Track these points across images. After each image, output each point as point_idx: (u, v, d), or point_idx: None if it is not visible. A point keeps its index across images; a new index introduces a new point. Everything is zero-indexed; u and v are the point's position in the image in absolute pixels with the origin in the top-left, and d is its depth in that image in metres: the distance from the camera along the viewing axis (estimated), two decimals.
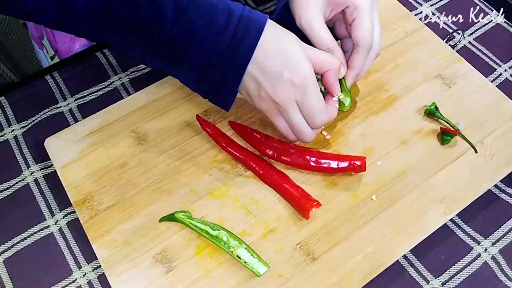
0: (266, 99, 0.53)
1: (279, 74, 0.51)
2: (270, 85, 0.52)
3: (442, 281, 0.55)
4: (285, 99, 0.52)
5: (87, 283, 0.55)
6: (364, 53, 0.57)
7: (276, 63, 0.51)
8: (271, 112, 0.55)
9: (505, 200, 0.60)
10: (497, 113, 0.64)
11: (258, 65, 0.51)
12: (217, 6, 0.50)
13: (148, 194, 0.58)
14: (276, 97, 0.52)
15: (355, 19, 0.56)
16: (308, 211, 0.55)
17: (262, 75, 0.51)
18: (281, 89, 0.51)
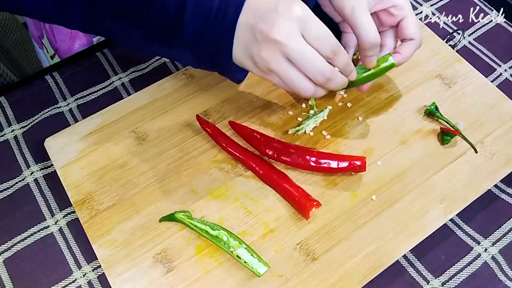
0: (263, 40, 0.48)
1: (273, 7, 0.48)
2: (265, 22, 0.48)
3: (442, 281, 0.55)
4: (284, 30, 0.48)
5: (87, 283, 0.55)
6: (416, 46, 0.58)
7: (269, 1, 0.48)
8: (276, 59, 0.49)
9: (505, 200, 0.60)
10: (497, 113, 0.64)
11: (251, 11, 0.48)
12: None
13: (148, 194, 0.58)
14: (273, 32, 0.47)
15: (404, 17, 0.57)
16: (308, 211, 0.55)
17: (256, 18, 0.48)
18: (277, 21, 0.48)
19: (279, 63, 0.49)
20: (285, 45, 0.48)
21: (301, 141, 0.62)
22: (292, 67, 0.50)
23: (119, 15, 0.51)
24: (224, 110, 0.64)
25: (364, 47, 0.54)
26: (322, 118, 0.63)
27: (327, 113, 0.63)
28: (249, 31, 0.49)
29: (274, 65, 0.49)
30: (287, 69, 0.50)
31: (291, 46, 0.48)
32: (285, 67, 0.50)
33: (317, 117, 0.62)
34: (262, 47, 0.49)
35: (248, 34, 0.49)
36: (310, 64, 0.49)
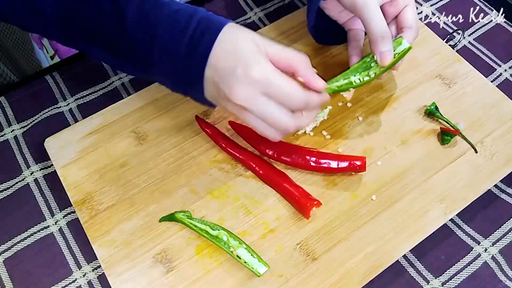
0: (226, 100, 0.49)
1: (232, 71, 0.48)
2: (225, 85, 0.48)
3: (442, 281, 0.55)
4: (246, 97, 0.48)
5: (87, 283, 0.55)
6: (416, 35, 0.58)
7: (228, 61, 0.48)
8: (239, 113, 0.50)
9: (505, 200, 0.60)
10: (497, 113, 0.64)
11: (213, 66, 0.49)
12: (180, 11, 0.50)
13: (148, 194, 0.58)
14: (234, 98, 0.48)
15: (407, 5, 0.58)
16: (309, 211, 0.55)
17: (217, 76, 0.49)
18: (237, 88, 0.48)
19: (247, 116, 0.50)
20: (245, 108, 0.49)
21: (301, 141, 0.62)
22: (257, 120, 0.50)
23: (92, 39, 0.52)
24: (224, 110, 0.64)
25: (376, 39, 0.54)
26: (322, 118, 0.63)
27: (327, 113, 0.63)
28: (214, 86, 0.50)
29: (242, 117, 0.51)
30: (254, 120, 0.50)
31: (251, 109, 0.49)
32: (252, 118, 0.50)
33: (317, 117, 0.62)
34: (227, 104, 0.50)
35: (213, 88, 0.50)
36: (275, 119, 0.49)
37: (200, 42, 0.49)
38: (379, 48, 0.54)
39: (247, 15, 0.75)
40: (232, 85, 0.48)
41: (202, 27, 0.49)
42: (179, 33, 0.49)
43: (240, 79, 0.47)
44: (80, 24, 0.51)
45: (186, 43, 0.49)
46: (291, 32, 0.70)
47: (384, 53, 0.54)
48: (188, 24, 0.49)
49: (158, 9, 0.50)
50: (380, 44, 0.54)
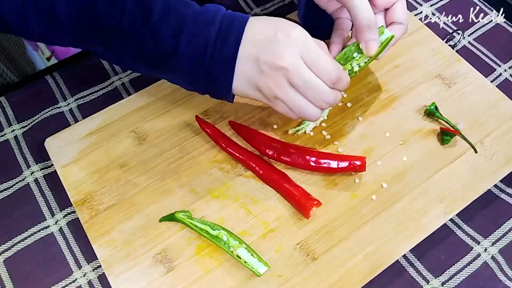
0: (269, 70, 0.50)
1: (273, 37, 0.50)
2: (268, 52, 0.50)
3: (442, 281, 0.55)
4: (289, 57, 0.50)
5: (87, 283, 0.55)
6: (404, 31, 0.58)
7: (266, 31, 0.50)
8: (282, 86, 0.51)
9: (505, 200, 0.61)
10: (497, 113, 0.64)
11: (250, 42, 0.50)
12: (205, 8, 0.52)
13: (148, 194, 0.58)
14: (279, 60, 0.50)
15: (396, 2, 0.57)
16: (309, 210, 0.55)
17: (256, 48, 0.50)
18: (280, 50, 0.50)
19: (285, 90, 0.51)
20: (291, 72, 0.50)
21: (301, 141, 0.62)
22: (297, 94, 0.52)
23: (108, 40, 0.52)
24: (224, 110, 0.64)
25: (362, 28, 0.54)
26: (322, 118, 0.63)
27: (327, 113, 0.63)
28: (252, 62, 0.51)
29: (280, 93, 0.51)
30: (293, 96, 0.52)
31: (296, 73, 0.50)
32: (292, 95, 0.51)
33: None
34: (268, 76, 0.51)
35: (251, 66, 0.51)
36: (313, 87, 0.51)
37: (230, 27, 0.50)
38: (365, 37, 0.54)
39: None
40: (276, 50, 0.50)
41: (230, 16, 0.51)
42: (208, 23, 0.50)
43: (282, 42, 0.50)
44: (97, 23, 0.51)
45: (215, 31, 0.50)
46: None
47: (370, 42, 0.54)
48: (215, 15, 0.51)
49: (183, 4, 0.51)
50: (366, 33, 0.54)
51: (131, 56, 0.53)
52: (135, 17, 0.50)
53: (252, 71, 0.51)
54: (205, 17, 0.51)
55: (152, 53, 0.52)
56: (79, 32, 0.52)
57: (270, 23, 0.51)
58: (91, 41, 0.53)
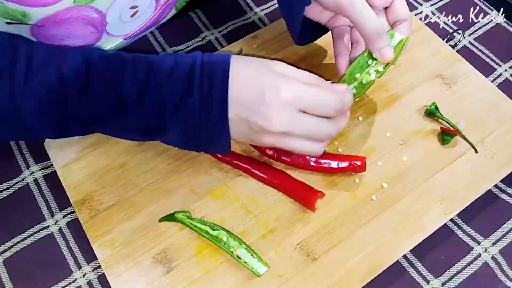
0: (263, 132, 0.47)
1: (261, 99, 0.46)
2: (258, 116, 0.46)
3: (442, 281, 0.55)
4: (286, 121, 0.46)
5: (87, 283, 0.55)
6: (410, 26, 0.55)
7: (252, 91, 0.46)
8: (279, 141, 0.48)
9: (505, 200, 0.60)
10: (497, 113, 0.64)
11: (237, 104, 0.46)
12: (177, 66, 0.48)
13: (148, 194, 0.58)
14: (273, 126, 0.46)
15: None
16: (314, 203, 0.55)
17: (245, 110, 0.46)
18: (271, 114, 0.46)
19: (288, 141, 0.48)
20: (286, 132, 0.47)
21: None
22: (301, 140, 0.49)
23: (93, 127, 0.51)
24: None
25: (371, 37, 0.51)
26: None
27: None
28: (243, 123, 0.48)
29: (279, 145, 0.49)
30: (298, 142, 0.49)
31: (293, 131, 0.47)
32: (296, 142, 0.49)
33: None
34: (262, 136, 0.48)
35: (243, 126, 0.48)
36: (317, 133, 0.49)
37: (211, 90, 0.46)
38: (377, 45, 0.52)
39: (247, 15, 0.75)
40: (266, 114, 0.46)
41: (207, 70, 0.47)
42: (186, 92, 0.47)
43: (273, 105, 0.45)
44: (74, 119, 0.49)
45: (197, 99, 0.46)
46: None
47: (383, 50, 0.52)
48: (192, 79, 0.47)
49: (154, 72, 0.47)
50: (377, 42, 0.51)
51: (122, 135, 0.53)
52: (114, 107, 0.48)
53: (246, 129, 0.48)
54: (182, 84, 0.47)
55: (141, 131, 0.51)
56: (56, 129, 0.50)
57: (256, 78, 0.46)
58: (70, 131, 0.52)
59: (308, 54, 0.69)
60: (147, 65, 0.48)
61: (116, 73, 0.47)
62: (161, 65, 0.48)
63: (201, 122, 0.48)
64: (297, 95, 0.46)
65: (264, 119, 0.46)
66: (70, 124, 0.50)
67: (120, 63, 0.48)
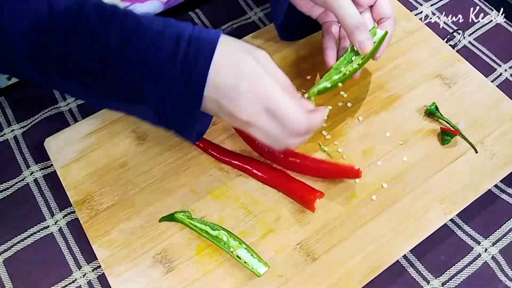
0: (230, 118, 0.48)
1: (235, 87, 0.46)
2: (230, 101, 0.46)
3: (442, 281, 0.55)
4: (251, 112, 0.47)
5: (87, 283, 0.55)
6: (394, 24, 0.58)
7: (230, 78, 0.46)
8: (245, 127, 0.49)
9: (505, 200, 0.60)
10: (497, 113, 0.64)
11: (213, 85, 0.46)
12: (164, 33, 0.47)
13: (148, 194, 0.58)
14: (239, 113, 0.47)
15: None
16: (313, 203, 0.55)
17: (219, 93, 0.47)
18: (240, 102, 0.46)
19: (252, 130, 0.49)
20: (251, 124, 0.48)
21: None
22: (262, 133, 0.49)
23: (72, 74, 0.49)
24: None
25: (351, 30, 0.54)
26: None
27: (327, 113, 0.63)
28: (215, 105, 0.48)
29: (247, 130, 0.49)
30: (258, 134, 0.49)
31: (258, 125, 0.47)
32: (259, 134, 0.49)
33: None
34: (231, 120, 0.49)
35: (215, 107, 0.48)
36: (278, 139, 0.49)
37: (195, 63, 0.46)
38: (357, 38, 0.54)
39: (247, 15, 0.75)
40: (236, 101, 0.46)
41: (194, 47, 0.46)
42: (169, 59, 0.46)
43: (244, 95, 0.46)
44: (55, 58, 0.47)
45: (179, 69, 0.46)
46: None
47: (362, 42, 0.54)
48: (177, 47, 0.46)
49: (139, 34, 0.46)
50: (357, 34, 0.54)
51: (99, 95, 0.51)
52: (95, 57, 0.47)
53: (216, 110, 0.49)
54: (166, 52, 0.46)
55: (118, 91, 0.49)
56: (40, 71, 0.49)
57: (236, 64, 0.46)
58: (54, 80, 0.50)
59: (308, 54, 0.69)
60: (135, 25, 0.47)
61: (104, 24, 0.46)
62: (148, 29, 0.47)
63: (178, 95, 0.47)
64: (269, 93, 0.46)
65: (232, 105, 0.47)
66: (53, 65, 0.48)
67: (110, 15, 0.47)
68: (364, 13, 0.59)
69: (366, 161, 0.60)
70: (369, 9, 0.59)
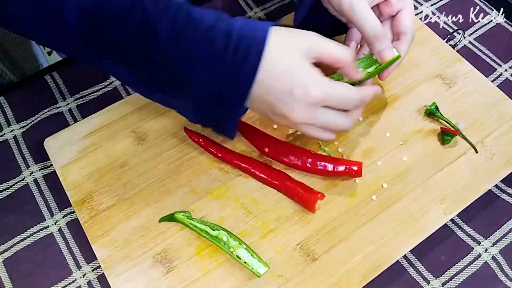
0: (284, 118, 0.50)
1: (289, 92, 0.48)
2: (283, 105, 0.48)
3: (442, 281, 0.55)
4: (307, 116, 0.49)
5: (87, 283, 0.55)
6: (410, 41, 0.57)
7: (282, 81, 0.48)
8: (296, 126, 0.51)
9: (505, 200, 0.60)
10: (497, 113, 0.64)
11: (264, 86, 0.48)
12: (215, 28, 0.47)
13: (148, 194, 0.58)
14: (294, 118, 0.49)
15: (402, 10, 0.56)
16: (314, 204, 0.55)
17: (271, 96, 0.48)
18: (298, 108, 0.48)
19: (305, 128, 0.51)
20: (305, 124, 0.50)
21: (301, 142, 0.62)
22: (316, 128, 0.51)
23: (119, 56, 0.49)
24: None
25: (370, 40, 0.53)
26: None
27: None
28: (265, 104, 0.49)
29: (299, 129, 0.52)
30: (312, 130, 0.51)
31: (313, 123, 0.50)
32: (312, 130, 0.51)
33: None
34: (281, 119, 0.51)
35: (264, 106, 0.50)
36: (334, 126, 0.51)
37: (244, 62, 0.47)
38: (376, 48, 0.53)
39: (247, 15, 0.75)
40: (292, 106, 0.48)
41: (244, 45, 0.46)
42: (219, 54, 0.47)
43: (300, 100, 0.48)
44: (106, 39, 0.48)
45: (228, 63, 0.46)
46: None
47: (382, 51, 0.53)
48: (227, 43, 0.46)
49: (191, 27, 0.47)
50: (376, 44, 0.53)
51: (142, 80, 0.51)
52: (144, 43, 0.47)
53: (266, 109, 0.50)
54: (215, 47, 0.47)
55: (162, 79, 0.49)
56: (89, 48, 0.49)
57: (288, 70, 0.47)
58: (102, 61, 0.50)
59: None
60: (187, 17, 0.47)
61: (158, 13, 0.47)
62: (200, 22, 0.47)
63: (221, 91, 0.48)
64: (324, 96, 0.48)
65: (288, 109, 0.48)
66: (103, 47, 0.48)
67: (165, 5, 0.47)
68: (384, 22, 0.57)
69: (366, 161, 0.60)
70: (390, 19, 0.57)
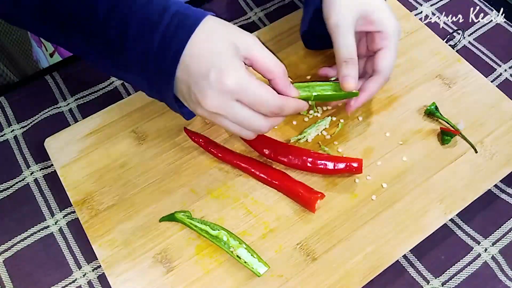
0: (198, 104, 0.47)
1: (205, 75, 0.45)
2: (198, 89, 0.46)
3: (442, 281, 0.55)
4: (218, 105, 0.46)
5: (87, 283, 0.55)
6: (382, 82, 0.57)
7: (202, 63, 0.45)
8: (211, 116, 0.48)
9: (505, 200, 0.60)
10: (497, 113, 0.64)
11: (185, 66, 0.46)
12: (152, 2, 0.47)
13: (148, 194, 0.58)
14: (205, 104, 0.46)
15: (382, 48, 0.56)
16: (314, 204, 0.55)
17: (189, 77, 0.46)
18: (210, 94, 0.45)
19: (219, 120, 0.49)
20: (218, 113, 0.47)
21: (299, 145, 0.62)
22: (230, 121, 0.49)
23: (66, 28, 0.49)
24: None
25: (340, 63, 0.54)
26: (324, 127, 0.62)
27: (329, 121, 0.63)
28: (185, 87, 0.47)
29: (214, 121, 0.49)
30: (226, 122, 0.49)
31: (224, 114, 0.47)
32: (224, 121, 0.49)
33: (319, 125, 0.62)
34: (197, 108, 0.48)
35: (185, 90, 0.48)
36: (248, 124, 0.49)
37: (173, 39, 0.45)
38: (341, 72, 0.54)
39: (247, 15, 0.75)
40: (204, 91, 0.46)
41: (176, 22, 0.45)
42: (152, 28, 0.46)
43: (213, 86, 0.45)
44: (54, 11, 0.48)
45: (159, 39, 0.45)
46: (291, 32, 0.70)
47: (345, 77, 0.54)
48: (161, 18, 0.46)
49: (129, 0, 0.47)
50: (343, 68, 0.54)
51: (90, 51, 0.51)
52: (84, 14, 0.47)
53: (186, 94, 0.48)
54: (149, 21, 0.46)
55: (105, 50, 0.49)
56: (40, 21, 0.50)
57: (211, 53, 0.45)
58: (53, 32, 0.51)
59: (308, 54, 0.69)
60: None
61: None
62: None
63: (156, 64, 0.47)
64: (239, 87, 0.46)
65: (200, 94, 0.46)
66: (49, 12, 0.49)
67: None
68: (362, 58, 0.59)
69: (366, 161, 0.60)
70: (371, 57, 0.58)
